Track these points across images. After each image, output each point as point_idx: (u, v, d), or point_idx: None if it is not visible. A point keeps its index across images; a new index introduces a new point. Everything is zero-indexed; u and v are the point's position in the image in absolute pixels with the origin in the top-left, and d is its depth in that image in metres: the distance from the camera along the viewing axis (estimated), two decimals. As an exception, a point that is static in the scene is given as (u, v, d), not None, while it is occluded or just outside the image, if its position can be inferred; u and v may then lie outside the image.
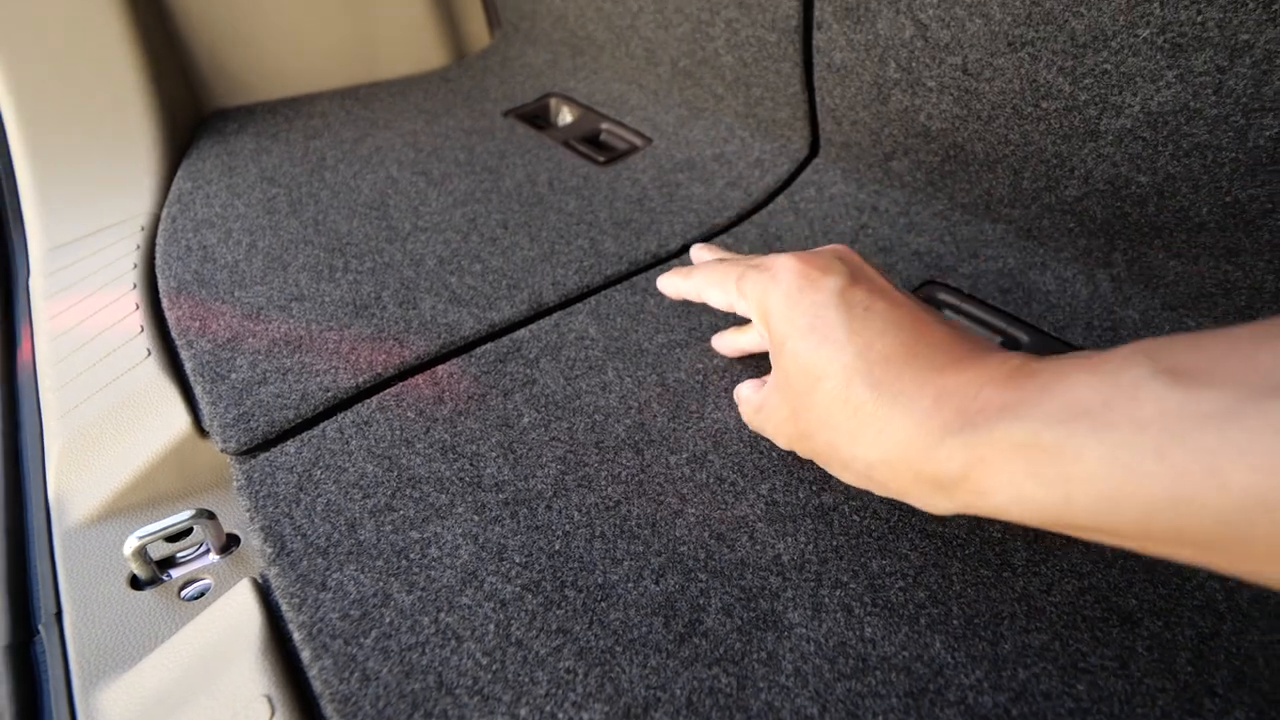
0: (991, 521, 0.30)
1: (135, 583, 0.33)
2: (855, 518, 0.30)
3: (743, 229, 0.51)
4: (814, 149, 0.56)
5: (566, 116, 0.72)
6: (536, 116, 0.71)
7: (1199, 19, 0.29)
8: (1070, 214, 0.41)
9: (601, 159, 0.61)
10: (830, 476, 0.32)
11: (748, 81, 0.56)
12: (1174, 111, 0.32)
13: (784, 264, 0.28)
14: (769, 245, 0.50)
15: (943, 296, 0.44)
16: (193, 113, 0.65)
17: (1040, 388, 0.21)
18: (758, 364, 0.39)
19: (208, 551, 0.35)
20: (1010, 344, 0.40)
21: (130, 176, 0.57)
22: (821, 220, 0.51)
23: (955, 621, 0.27)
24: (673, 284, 0.36)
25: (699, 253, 0.39)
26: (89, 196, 0.55)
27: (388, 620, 0.26)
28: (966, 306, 0.43)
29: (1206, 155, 0.32)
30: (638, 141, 0.63)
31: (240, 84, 0.69)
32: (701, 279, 0.33)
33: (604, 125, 0.67)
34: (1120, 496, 0.18)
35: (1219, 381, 0.17)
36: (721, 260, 0.34)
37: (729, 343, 0.38)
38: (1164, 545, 0.18)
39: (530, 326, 0.41)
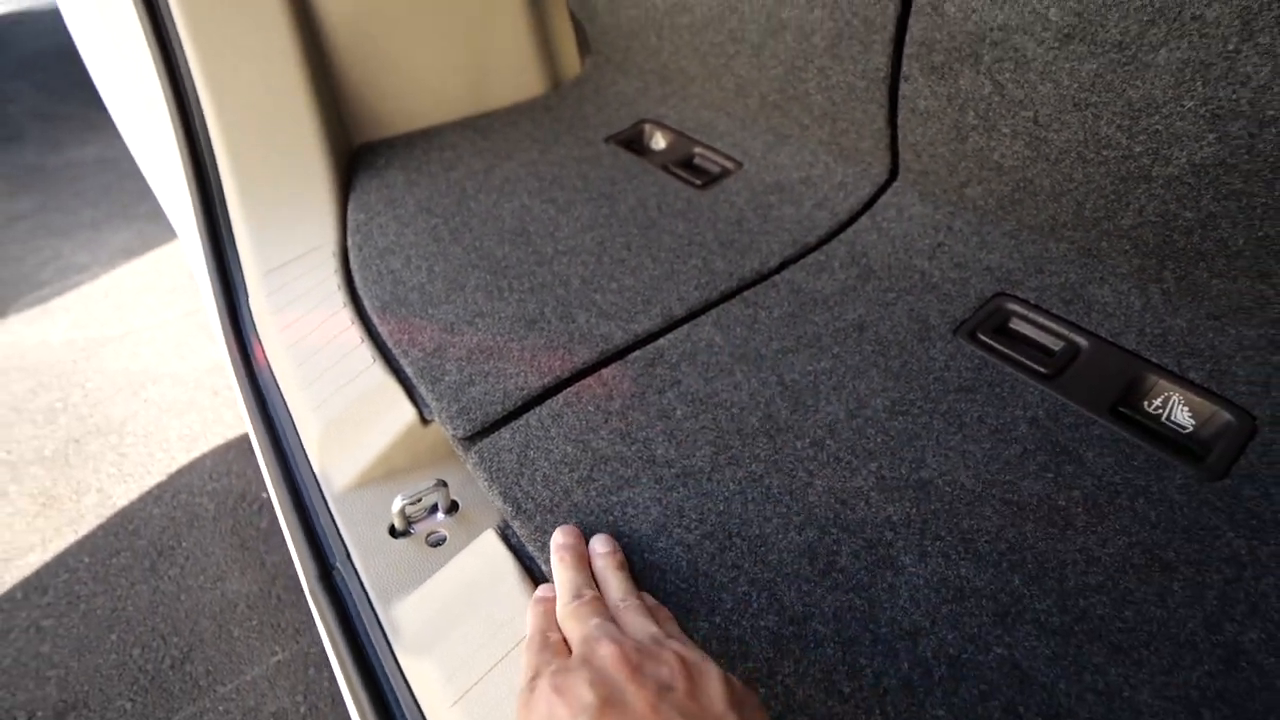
0: (1058, 490, 0.39)
1: (393, 533, 0.44)
2: (946, 489, 0.39)
3: (832, 247, 0.60)
4: (893, 174, 0.64)
5: (660, 141, 0.81)
6: (633, 141, 0.80)
7: (1234, 96, 0.36)
8: (1126, 238, 0.48)
9: (699, 182, 0.70)
10: (925, 457, 0.41)
11: (834, 116, 0.64)
12: (1214, 165, 0.39)
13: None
14: (856, 262, 0.58)
15: (1011, 306, 0.52)
16: (347, 148, 0.77)
17: None
18: (861, 365, 0.48)
19: (436, 512, 0.46)
20: (1070, 349, 0.48)
21: (312, 209, 0.68)
22: (902, 238, 0.59)
23: (1030, 565, 0.35)
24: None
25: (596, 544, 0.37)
26: (285, 228, 0.67)
27: None
28: (1033, 315, 0.51)
29: (1242, 200, 0.39)
30: (729, 165, 0.72)
31: (379, 120, 0.80)
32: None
33: (696, 150, 0.75)
34: None
35: None
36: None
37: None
38: None
39: (667, 336, 0.51)
